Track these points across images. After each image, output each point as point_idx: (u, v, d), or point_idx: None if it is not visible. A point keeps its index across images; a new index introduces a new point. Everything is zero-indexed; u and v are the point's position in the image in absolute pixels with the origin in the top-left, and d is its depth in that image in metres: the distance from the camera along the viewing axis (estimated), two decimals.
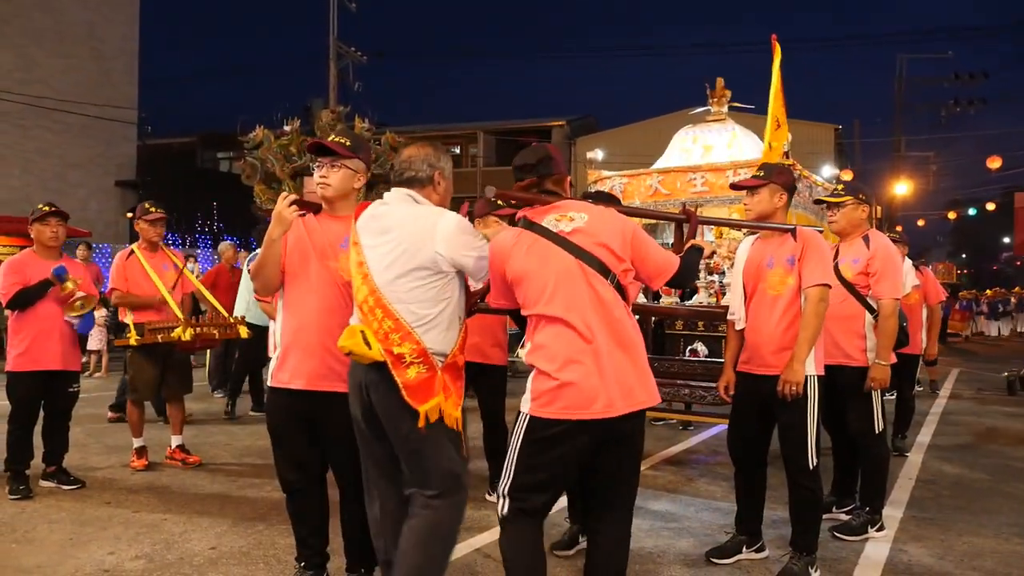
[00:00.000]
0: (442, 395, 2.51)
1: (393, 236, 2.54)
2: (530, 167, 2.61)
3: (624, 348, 2.42)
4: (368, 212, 2.65)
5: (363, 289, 2.53)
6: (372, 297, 2.51)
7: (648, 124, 27.06)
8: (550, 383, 2.40)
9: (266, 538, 3.87)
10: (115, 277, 5.25)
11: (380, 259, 2.54)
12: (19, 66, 18.18)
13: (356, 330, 2.48)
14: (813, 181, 6.40)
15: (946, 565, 3.63)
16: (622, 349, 2.41)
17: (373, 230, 2.59)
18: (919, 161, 27.61)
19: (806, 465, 3.33)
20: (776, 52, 5.81)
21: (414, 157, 2.65)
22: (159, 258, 5.41)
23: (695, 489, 4.95)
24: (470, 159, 31.48)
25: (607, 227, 2.49)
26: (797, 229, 3.42)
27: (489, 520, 4.19)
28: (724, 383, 3.69)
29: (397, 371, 2.47)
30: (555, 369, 2.39)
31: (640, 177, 6.51)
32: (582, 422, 2.36)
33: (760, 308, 3.46)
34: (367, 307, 2.51)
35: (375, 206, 2.65)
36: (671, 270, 2.56)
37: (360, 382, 2.56)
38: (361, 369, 2.54)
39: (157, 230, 5.40)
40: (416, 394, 2.47)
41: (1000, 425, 7.61)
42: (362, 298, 2.53)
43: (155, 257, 5.38)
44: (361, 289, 2.54)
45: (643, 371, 2.46)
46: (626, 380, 2.40)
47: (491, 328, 4.40)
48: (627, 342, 2.43)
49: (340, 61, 20.39)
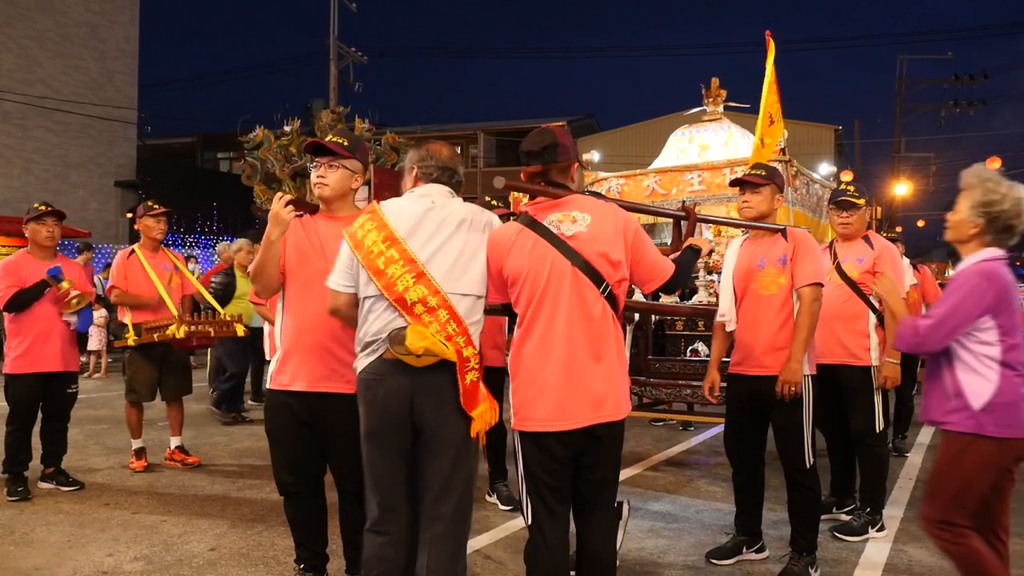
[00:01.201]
0: (487, 402, 2.48)
1: (460, 234, 2.49)
2: (535, 154, 2.57)
3: (598, 360, 2.43)
4: (410, 207, 2.52)
5: (419, 288, 2.39)
6: (435, 297, 2.39)
7: (645, 126, 27.07)
8: (525, 394, 2.46)
9: (265, 539, 3.87)
10: (115, 276, 5.25)
11: (445, 257, 2.45)
12: (20, 66, 18.19)
13: (424, 330, 2.35)
14: (811, 178, 6.40)
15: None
16: (595, 361, 2.42)
17: (429, 226, 2.48)
18: (919, 162, 27.65)
19: (803, 465, 3.35)
20: (770, 48, 5.80)
21: (451, 159, 2.65)
22: (159, 258, 5.41)
23: (695, 490, 4.94)
24: (470, 159, 31.48)
25: (609, 230, 2.47)
26: (788, 229, 3.45)
27: (489, 521, 4.19)
28: (709, 384, 3.69)
29: (462, 375, 2.41)
30: (528, 380, 2.45)
31: (637, 178, 6.51)
32: (555, 433, 2.41)
33: (752, 308, 3.46)
34: (425, 307, 2.38)
35: (415, 200, 2.55)
36: (664, 275, 2.56)
37: (405, 387, 2.40)
38: (409, 373, 2.39)
39: (161, 226, 5.41)
40: (470, 400, 2.43)
41: None
42: (418, 297, 2.39)
43: (155, 257, 5.38)
44: (415, 288, 2.39)
45: (615, 383, 2.47)
46: (595, 392, 2.42)
47: (489, 330, 4.35)
48: (603, 354, 2.44)
49: (340, 61, 20.40)
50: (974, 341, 2.52)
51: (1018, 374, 2.50)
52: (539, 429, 2.42)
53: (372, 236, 2.46)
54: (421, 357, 2.34)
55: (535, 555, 2.46)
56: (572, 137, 2.67)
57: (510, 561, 3.58)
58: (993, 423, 2.48)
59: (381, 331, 2.42)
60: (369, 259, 2.44)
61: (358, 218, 2.56)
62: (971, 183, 2.61)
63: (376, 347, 2.44)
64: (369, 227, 2.49)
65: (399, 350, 2.35)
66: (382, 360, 2.42)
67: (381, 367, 2.43)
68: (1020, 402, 2.49)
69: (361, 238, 2.48)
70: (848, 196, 4.10)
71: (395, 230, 2.45)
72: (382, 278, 2.41)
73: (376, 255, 2.43)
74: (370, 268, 2.43)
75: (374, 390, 2.44)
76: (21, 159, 18.31)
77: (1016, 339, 2.50)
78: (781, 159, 5.64)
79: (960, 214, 2.61)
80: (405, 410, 2.41)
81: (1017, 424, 2.48)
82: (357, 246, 2.48)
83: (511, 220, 2.62)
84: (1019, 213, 2.55)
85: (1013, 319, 2.50)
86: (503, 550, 3.75)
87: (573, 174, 2.61)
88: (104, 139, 20.07)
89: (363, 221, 2.52)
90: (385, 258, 2.43)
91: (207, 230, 20.60)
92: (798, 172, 6.06)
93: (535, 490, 2.45)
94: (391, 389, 2.41)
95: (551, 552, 2.45)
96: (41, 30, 18.71)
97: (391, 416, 2.43)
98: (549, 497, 2.45)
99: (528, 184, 2.59)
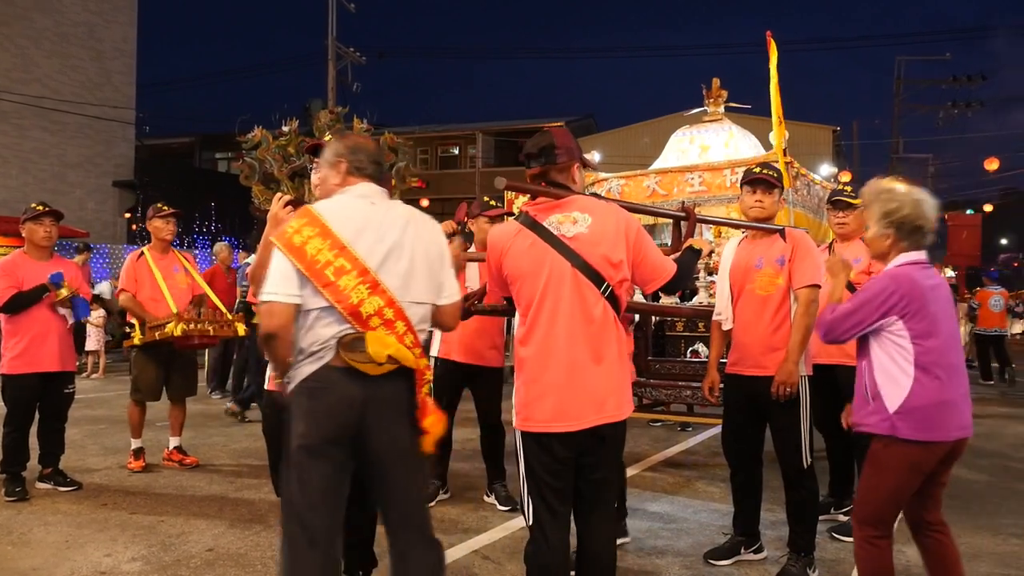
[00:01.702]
0: (436, 413, 2.35)
1: (405, 240, 2.33)
2: (534, 156, 2.56)
3: (599, 361, 2.42)
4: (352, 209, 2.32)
5: (374, 300, 2.21)
6: (391, 309, 2.23)
7: (646, 126, 27.06)
8: (528, 395, 2.46)
9: (264, 540, 3.86)
10: (124, 279, 5.25)
11: (396, 264, 2.29)
12: (18, 66, 18.19)
13: (385, 336, 2.20)
14: (811, 179, 6.40)
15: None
16: (596, 362, 2.42)
17: (374, 231, 2.30)
18: (917, 163, 27.71)
19: (801, 465, 3.35)
20: (772, 49, 5.81)
21: (379, 152, 2.49)
22: (169, 260, 5.40)
23: (693, 490, 4.94)
24: (469, 160, 31.48)
25: (610, 231, 2.46)
26: (786, 230, 3.46)
27: (487, 522, 4.19)
28: (709, 384, 3.70)
29: (420, 385, 2.30)
30: (530, 380, 2.45)
31: (638, 178, 6.52)
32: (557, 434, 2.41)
33: (749, 309, 3.46)
34: (382, 319, 2.22)
35: (354, 201, 2.36)
36: (666, 276, 2.55)
37: (356, 397, 2.21)
38: (361, 382, 2.20)
39: (170, 227, 5.41)
40: (423, 411, 2.32)
41: (997, 426, 7.61)
42: (374, 309, 2.21)
43: (164, 259, 5.37)
44: (371, 300, 2.21)
45: (617, 384, 2.46)
46: (597, 393, 2.41)
47: (488, 330, 4.40)
48: (604, 355, 2.43)
49: (339, 62, 20.40)
50: (889, 344, 2.57)
51: (933, 377, 2.51)
52: (541, 430, 2.42)
53: (316, 243, 2.22)
54: (383, 364, 2.19)
55: (536, 555, 2.46)
56: (574, 137, 2.66)
57: (508, 561, 3.58)
58: (907, 426, 2.51)
59: (331, 338, 2.22)
60: (315, 269, 2.20)
61: (290, 222, 2.30)
62: (868, 200, 2.71)
63: (323, 353, 2.22)
64: (309, 233, 2.24)
65: (358, 358, 2.17)
66: (329, 367, 2.22)
67: (328, 375, 2.22)
68: (935, 405, 2.51)
69: (301, 245, 2.22)
70: (844, 196, 4.16)
71: (341, 236, 2.24)
72: (333, 290, 2.20)
73: (324, 265, 2.21)
74: (317, 279, 2.20)
75: (319, 399, 2.22)
76: (19, 159, 18.30)
77: (931, 343, 2.52)
78: (783, 160, 5.65)
79: (871, 231, 2.69)
80: (353, 422, 2.21)
81: (932, 427, 2.51)
82: (297, 254, 2.22)
83: (508, 219, 2.62)
84: (921, 213, 2.62)
85: (927, 323, 2.53)
86: (501, 551, 3.74)
87: (574, 175, 2.59)
88: (102, 139, 20.06)
89: (299, 226, 2.26)
90: (335, 268, 2.21)
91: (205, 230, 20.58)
92: (799, 173, 6.07)
93: (536, 490, 2.45)
94: (341, 399, 2.21)
95: (552, 552, 2.44)
96: (39, 30, 18.71)
97: (340, 429, 2.21)
98: (551, 497, 2.45)
99: (529, 185, 2.58)
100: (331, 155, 2.48)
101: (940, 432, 2.51)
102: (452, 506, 4.49)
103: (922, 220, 2.62)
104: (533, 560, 2.47)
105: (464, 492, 4.77)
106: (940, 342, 2.53)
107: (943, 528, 2.68)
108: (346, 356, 2.18)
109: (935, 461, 2.55)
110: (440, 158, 32.22)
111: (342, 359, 2.19)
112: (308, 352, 2.24)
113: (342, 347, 2.19)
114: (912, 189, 2.67)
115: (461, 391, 4.53)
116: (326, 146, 2.55)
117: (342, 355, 2.19)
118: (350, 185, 2.41)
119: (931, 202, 2.65)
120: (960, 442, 2.57)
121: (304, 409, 2.23)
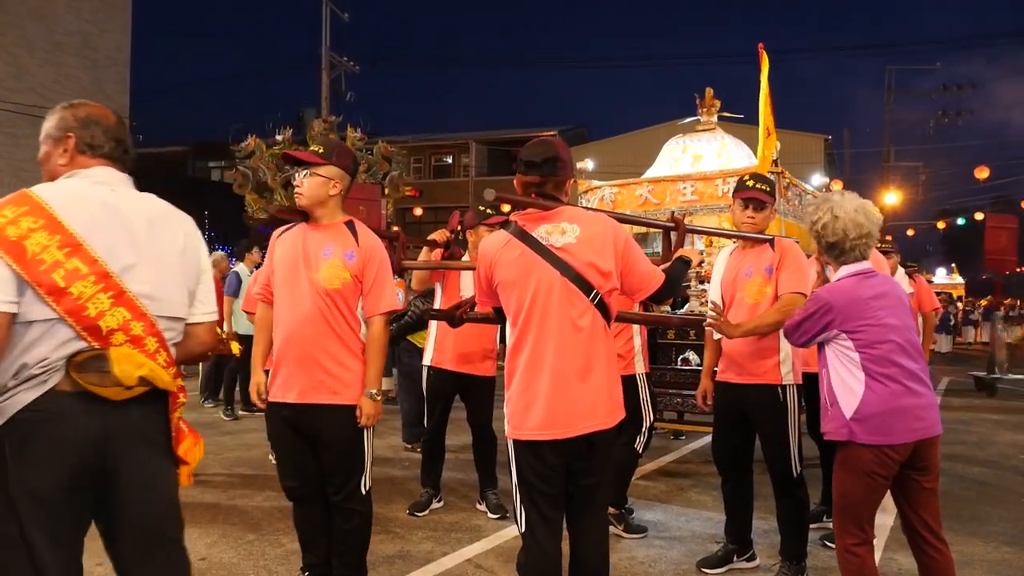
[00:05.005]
0: (191, 436, 2.04)
1: (155, 237, 1.93)
2: (535, 165, 2.54)
3: (589, 369, 2.43)
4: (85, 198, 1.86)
5: (119, 312, 1.80)
6: (140, 323, 1.84)
7: (638, 135, 27.18)
8: (518, 403, 2.47)
9: (256, 549, 3.85)
10: None
11: (145, 269, 1.88)
12: (11, 75, 18.17)
13: (132, 352, 1.82)
14: (803, 190, 6.44)
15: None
16: (586, 370, 2.43)
17: (115, 226, 1.86)
18: (908, 171, 27.87)
19: (790, 473, 3.38)
20: (764, 61, 5.85)
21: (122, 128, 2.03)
22: None
23: (686, 499, 4.95)
24: (462, 168, 31.54)
25: (598, 240, 2.48)
26: (776, 239, 3.49)
27: (480, 530, 4.19)
28: (702, 392, 3.74)
29: (174, 408, 1.95)
30: (521, 389, 2.46)
31: (630, 187, 6.55)
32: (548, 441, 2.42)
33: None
34: (128, 335, 1.82)
35: (89, 187, 1.90)
36: (654, 285, 2.57)
37: (96, 428, 1.78)
38: (100, 410, 1.78)
39: None
40: (177, 437, 1.98)
41: (989, 434, 7.64)
42: (117, 324, 1.80)
43: None
44: (114, 313, 1.80)
45: (607, 391, 2.48)
46: (587, 401, 2.42)
47: (480, 339, 4.41)
48: (593, 364, 2.44)
49: (332, 71, 20.43)
50: (840, 353, 2.63)
51: (884, 383, 2.55)
52: (533, 438, 2.43)
53: (40, 238, 1.75)
54: (132, 388, 1.80)
55: (529, 563, 2.47)
56: (569, 150, 2.70)
57: (501, 570, 3.58)
58: (863, 431, 2.56)
59: (56, 358, 1.77)
60: (39, 272, 1.74)
61: (2, 209, 1.78)
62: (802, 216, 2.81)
63: (46, 377, 1.76)
64: (30, 224, 1.76)
65: (98, 380, 1.77)
66: (56, 393, 1.77)
67: (56, 403, 1.76)
68: (889, 411, 2.54)
69: (19, 239, 1.74)
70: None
71: (75, 231, 1.79)
72: (63, 299, 1.75)
73: (51, 266, 1.75)
74: (42, 284, 1.74)
75: (44, 434, 1.75)
76: (11, 167, 18.24)
77: (878, 350, 2.56)
78: (774, 170, 5.69)
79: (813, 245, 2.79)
80: (91, 460, 1.78)
81: (887, 431, 2.54)
82: (12, 251, 1.73)
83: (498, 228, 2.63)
84: (837, 228, 2.65)
85: (872, 332, 2.57)
86: (494, 559, 3.74)
87: (567, 189, 2.63)
88: None
89: (14, 215, 1.76)
90: (66, 271, 1.76)
91: None
92: (790, 183, 6.11)
93: (529, 497, 2.46)
94: (74, 433, 1.76)
95: (545, 559, 2.45)
96: (32, 39, 18.69)
97: (75, 470, 1.77)
98: (543, 504, 2.45)
99: (519, 197, 2.60)
100: (55, 128, 1.96)
101: (896, 435, 2.55)
102: (445, 514, 4.49)
103: (835, 236, 2.66)
104: (526, 568, 2.47)
105: (457, 501, 4.77)
106: (889, 348, 2.57)
107: (942, 548, 2.67)
108: (80, 378, 1.76)
109: (897, 463, 2.58)
110: (434, 167, 32.26)
111: (73, 382, 1.77)
112: (26, 376, 1.76)
113: (73, 368, 1.76)
114: (838, 204, 2.68)
115: (453, 399, 4.54)
116: (48, 116, 2.01)
117: (74, 377, 1.76)
118: (82, 167, 1.94)
119: (852, 217, 2.64)
120: (923, 443, 2.58)
121: (21, 449, 1.75)
